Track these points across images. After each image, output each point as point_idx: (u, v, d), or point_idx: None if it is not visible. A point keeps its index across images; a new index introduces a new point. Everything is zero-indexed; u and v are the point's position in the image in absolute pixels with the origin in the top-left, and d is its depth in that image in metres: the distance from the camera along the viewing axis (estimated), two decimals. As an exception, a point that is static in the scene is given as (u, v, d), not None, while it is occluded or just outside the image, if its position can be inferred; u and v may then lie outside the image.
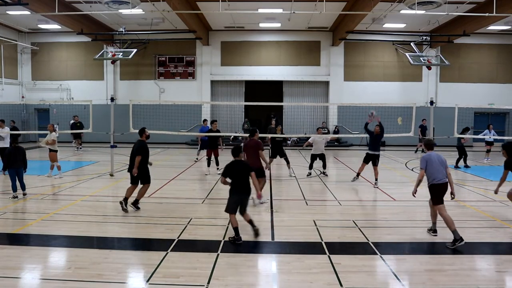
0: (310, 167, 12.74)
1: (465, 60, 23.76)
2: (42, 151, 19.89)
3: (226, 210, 6.47)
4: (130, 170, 8.25)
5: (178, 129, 20.99)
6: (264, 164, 8.71)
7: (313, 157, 12.55)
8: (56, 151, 12.17)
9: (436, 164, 6.54)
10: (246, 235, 6.74)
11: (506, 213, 8.29)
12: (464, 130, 14.97)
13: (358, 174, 11.45)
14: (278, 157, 12.50)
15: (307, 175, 12.65)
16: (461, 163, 15.17)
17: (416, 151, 19.81)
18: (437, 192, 6.54)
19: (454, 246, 6.07)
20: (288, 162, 12.57)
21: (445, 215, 6.41)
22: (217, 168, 13.30)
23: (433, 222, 6.90)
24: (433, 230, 6.87)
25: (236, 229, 6.30)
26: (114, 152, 12.75)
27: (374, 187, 10.80)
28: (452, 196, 6.66)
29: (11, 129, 15.70)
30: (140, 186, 8.34)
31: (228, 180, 6.43)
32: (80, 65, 24.32)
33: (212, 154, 13.19)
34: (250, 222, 6.55)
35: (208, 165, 13.23)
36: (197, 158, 16.21)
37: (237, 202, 6.42)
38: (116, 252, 5.89)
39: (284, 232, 6.89)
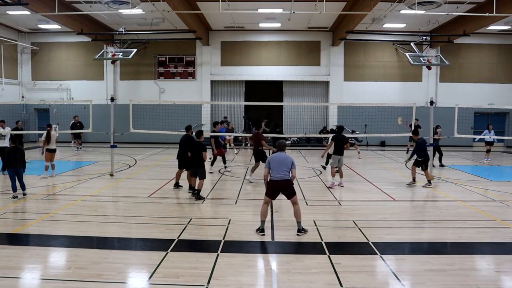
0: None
1: (465, 60, 23.76)
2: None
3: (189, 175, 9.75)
4: (178, 158, 10.24)
5: (178, 129, 20.94)
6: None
7: (328, 156, 13.44)
8: (51, 150, 12.01)
9: (277, 164, 6.87)
10: (247, 235, 6.75)
11: (506, 213, 8.28)
12: (436, 128, 14.98)
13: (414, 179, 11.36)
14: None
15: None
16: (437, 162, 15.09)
17: (407, 151, 19.79)
18: (271, 186, 6.88)
19: (258, 232, 6.70)
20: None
21: (263, 206, 6.91)
22: (225, 167, 13.55)
23: (261, 221, 6.86)
24: (260, 230, 6.74)
25: (190, 186, 9.82)
26: (114, 152, 12.76)
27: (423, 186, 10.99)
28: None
29: (13, 129, 15.76)
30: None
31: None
32: (80, 65, 24.31)
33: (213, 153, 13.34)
34: (194, 186, 9.49)
35: (224, 162, 13.75)
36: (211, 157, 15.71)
37: (193, 170, 9.43)
38: (116, 252, 5.89)
39: (284, 232, 6.88)
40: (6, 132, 12.70)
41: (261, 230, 6.72)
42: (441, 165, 14.84)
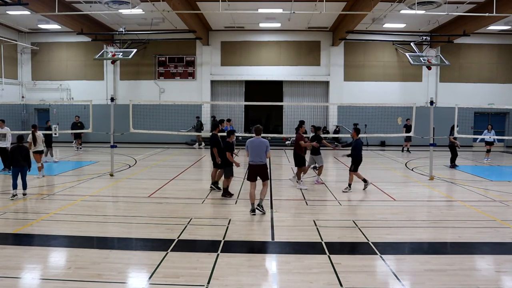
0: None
1: (465, 60, 23.77)
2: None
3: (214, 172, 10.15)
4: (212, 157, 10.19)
5: (178, 129, 21.01)
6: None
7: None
8: (39, 152, 11.89)
9: (254, 149, 7.91)
10: (247, 235, 6.76)
11: (506, 213, 8.28)
12: (452, 128, 14.95)
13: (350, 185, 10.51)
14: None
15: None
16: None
17: (402, 150, 20.03)
18: (251, 170, 8.02)
19: (250, 213, 7.82)
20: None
21: (250, 191, 7.94)
22: None
23: (251, 203, 7.95)
24: (251, 210, 7.88)
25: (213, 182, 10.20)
26: (114, 152, 12.75)
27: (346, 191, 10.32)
28: None
29: (45, 129, 15.99)
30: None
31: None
32: (80, 65, 24.32)
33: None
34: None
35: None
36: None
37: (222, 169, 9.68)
38: (116, 252, 5.88)
39: (284, 232, 6.88)
40: (4, 132, 12.62)
41: (252, 210, 7.82)
42: (452, 166, 14.83)
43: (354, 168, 10.30)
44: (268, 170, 8.21)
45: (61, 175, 12.69)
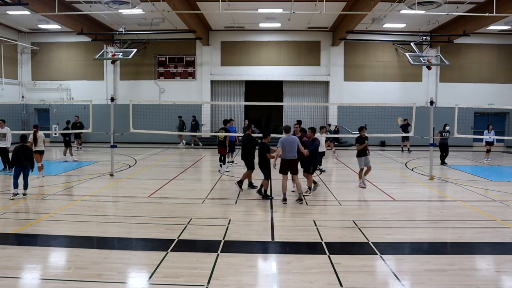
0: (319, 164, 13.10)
1: (465, 60, 23.76)
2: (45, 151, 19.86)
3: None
4: (242, 158, 10.07)
5: (178, 129, 20.98)
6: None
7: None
8: (39, 152, 11.81)
9: (287, 145, 8.77)
10: (247, 235, 6.76)
11: (506, 213, 8.28)
12: (445, 126, 15.40)
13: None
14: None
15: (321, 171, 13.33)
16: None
17: (402, 150, 20.14)
18: (284, 164, 8.87)
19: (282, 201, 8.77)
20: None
21: (283, 182, 8.89)
22: (220, 165, 13.53)
23: (283, 193, 8.93)
24: (283, 199, 8.84)
25: (249, 183, 10.35)
26: (114, 152, 12.75)
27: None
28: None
29: (64, 129, 15.97)
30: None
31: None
32: (80, 65, 24.31)
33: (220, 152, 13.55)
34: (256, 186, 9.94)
35: (221, 161, 13.62)
36: (232, 161, 15.05)
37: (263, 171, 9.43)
38: (116, 252, 5.88)
39: (284, 232, 6.88)
40: (4, 132, 12.59)
41: (283, 199, 8.84)
42: (443, 163, 15.28)
43: (312, 171, 9.92)
44: (298, 165, 9.02)
45: (61, 175, 12.69)
